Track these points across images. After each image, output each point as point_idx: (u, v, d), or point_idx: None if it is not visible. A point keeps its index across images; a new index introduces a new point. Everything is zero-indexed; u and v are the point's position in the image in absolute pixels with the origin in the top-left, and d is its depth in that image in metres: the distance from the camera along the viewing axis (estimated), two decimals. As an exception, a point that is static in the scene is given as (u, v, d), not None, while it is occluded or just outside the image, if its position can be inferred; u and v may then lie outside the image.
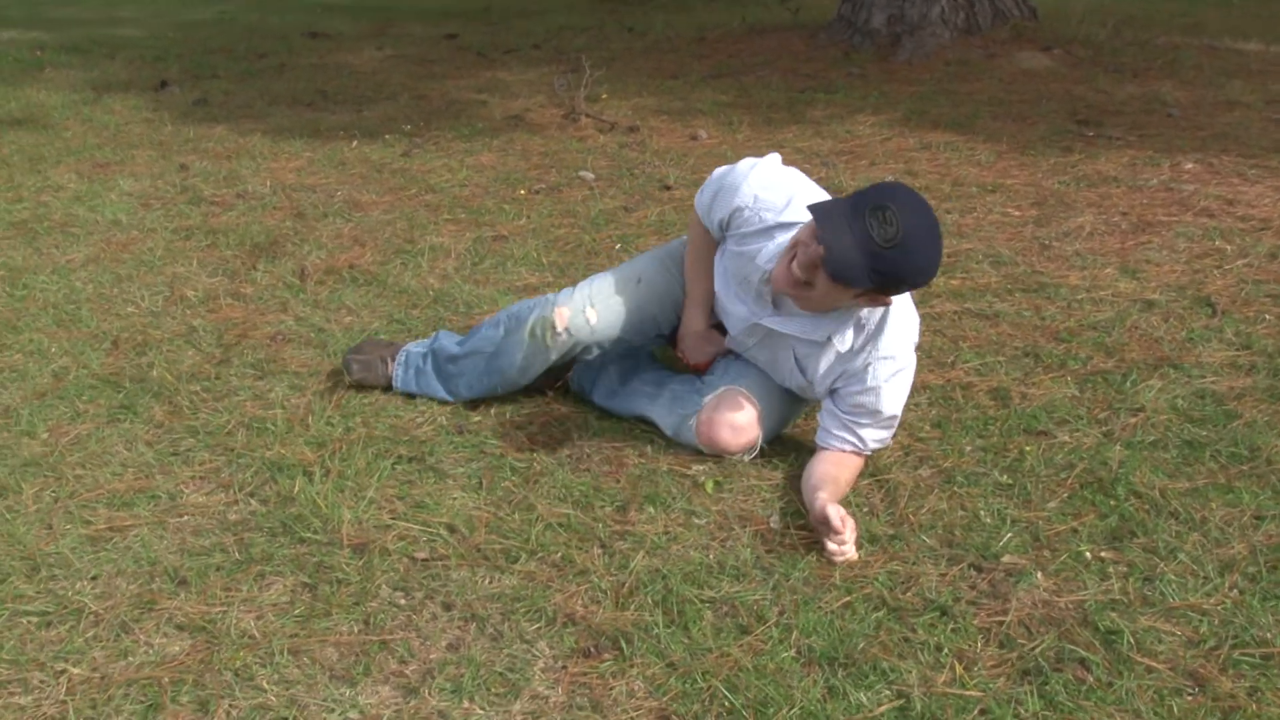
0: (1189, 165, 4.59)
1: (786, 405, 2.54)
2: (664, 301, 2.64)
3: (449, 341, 2.75)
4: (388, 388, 2.79)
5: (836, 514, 2.09)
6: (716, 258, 2.55)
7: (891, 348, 2.31)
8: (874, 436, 2.37)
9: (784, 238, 2.31)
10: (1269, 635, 1.88)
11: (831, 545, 2.12)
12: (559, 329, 2.55)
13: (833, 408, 2.38)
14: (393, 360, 2.79)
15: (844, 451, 2.37)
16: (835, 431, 2.37)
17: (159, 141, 5.41)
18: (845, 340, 2.30)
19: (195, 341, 3.10)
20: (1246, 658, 1.83)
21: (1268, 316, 3.10)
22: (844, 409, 2.36)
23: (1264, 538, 2.14)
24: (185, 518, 2.28)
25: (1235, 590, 1.99)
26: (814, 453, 2.41)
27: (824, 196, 2.37)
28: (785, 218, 2.34)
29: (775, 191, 2.38)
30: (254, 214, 4.22)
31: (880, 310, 2.29)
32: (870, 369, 2.31)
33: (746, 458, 2.47)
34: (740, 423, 2.43)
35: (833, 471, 2.33)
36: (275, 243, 3.89)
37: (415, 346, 2.80)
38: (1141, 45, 7.13)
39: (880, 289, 2.15)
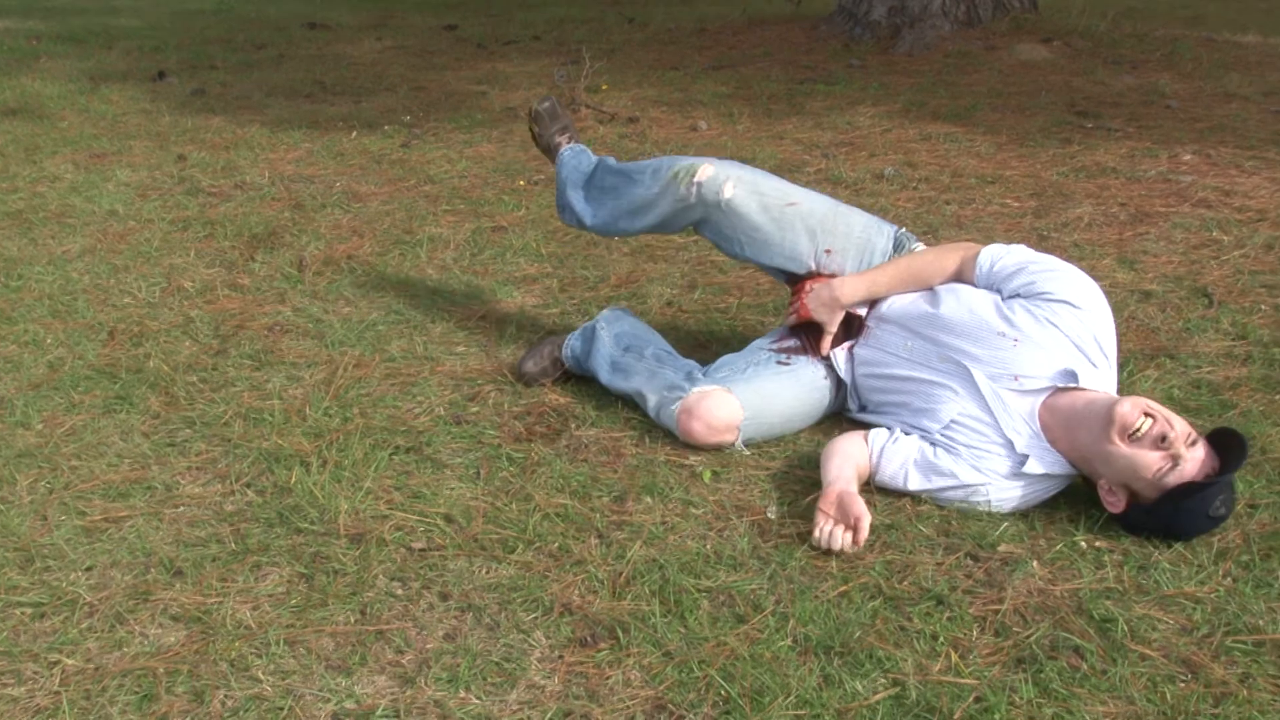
0: (1187, 157, 4.59)
1: (781, 423, 2.51)
2: (795, 242, 2.59)
3: (613, 161, 2.94)
4: (549, 153, 3.12)
5: (867, 519, 2.09)
6: (982, 296, 2.41)
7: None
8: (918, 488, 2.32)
9: (1088, 363, 2.28)
10: (1261, 622, 1.88)
11: (834, 540, 2.10)
12: (696, 179, 2.61)
13: (918, 462, 2.29)
14: (567, 142, 3.07)
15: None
16: (896, 461, 2.31)
17: (156, 132, 5.41)
18: (1036, 468, 2.22)
19: (192, 332, 3.10)
20: (1239, 644, 1.83)
21: (1263, 307, 3.10)
22: (927, 463, 2.28)
23: (1258, 525, 2.14)
24: (181, 508, 2.28)
25: (1229, 578, 2.00)
26: (841, 431, 2.44)
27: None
28: (1098, 361, 2.30)
29: (1107, 330, 2.33)
30: (252, 205, 4.22)
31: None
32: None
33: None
34: (717, 424, 2.42)
35: (858, 457, 2.32)
36: (273, 233, 3.89)
37: (590, 154, 3.04)
38: (1140, 37, 7.11)
39: (1155, 519, 2.10)
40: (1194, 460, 2.06)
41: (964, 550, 2.11)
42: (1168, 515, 2.07)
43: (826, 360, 2.56)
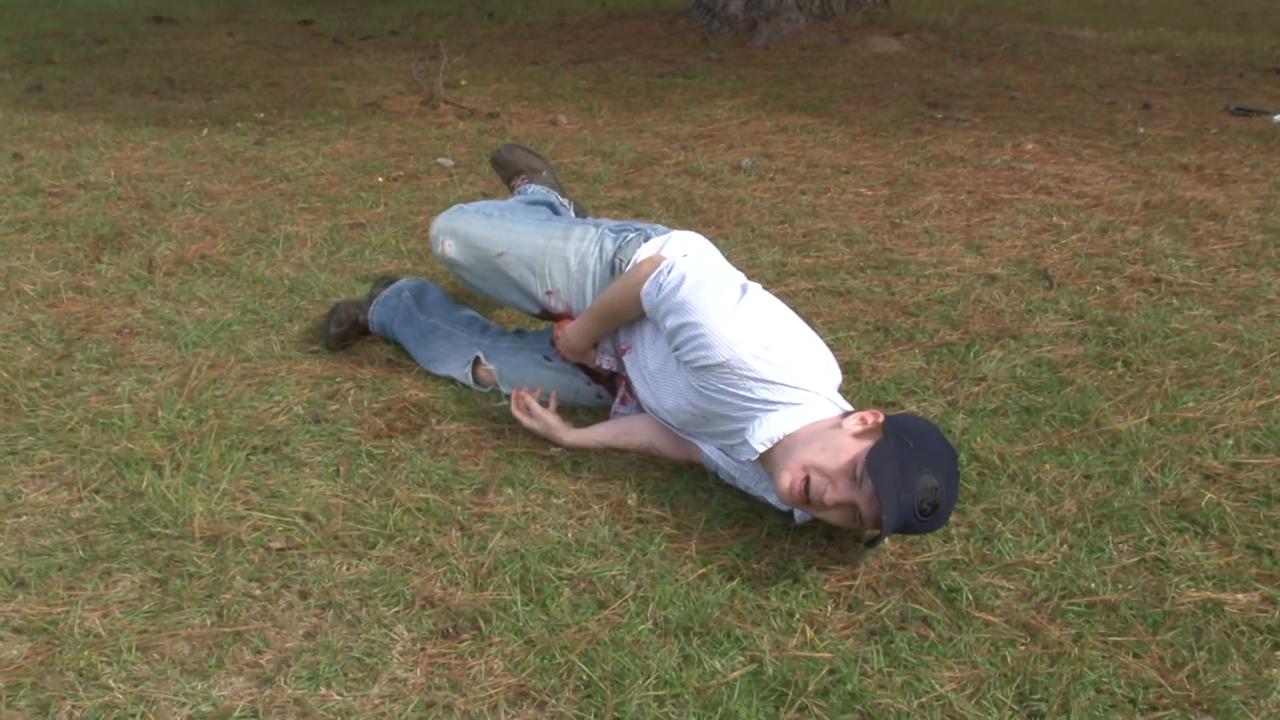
0: (1029, 146, 4.79)
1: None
2: (517, 287, 2.65)
3: None
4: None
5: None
6: (663, 359, 2.34)
7: None
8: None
9: (762, 411, 2.11)
10: (1093, 585, 1.98)
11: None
12: (432, 237, 2.74)
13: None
14: (520, 184, 3.26)
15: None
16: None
17: (-10, 131, 5.17)
18: (805, 517, 2.17)
19: (34, 337, 2.98)
20: (1073, 607, 1.93)
21: (1098, 288, 3.26)
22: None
23: (1091, 495, 2.25)
24: (24, 518, 2.20)
25: (1065, 545, 2.10)
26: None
27: (798, 336, 2.19)
28: (773, 395, 2.10)
29: (763, 359, 2.08)
30: (97, 205, 4.07)
31: None
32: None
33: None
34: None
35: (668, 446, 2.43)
36: (121, 234, 3.76)
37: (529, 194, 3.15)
38: (986, 31, 7.38)
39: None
40: (867, 498, 1.94)
41: (819, 529, 2.17)
42: (895, 531, 1.93)
43: (601, 381, 2.67)
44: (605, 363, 2.53)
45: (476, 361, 2.72)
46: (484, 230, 2.67)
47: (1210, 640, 1.85)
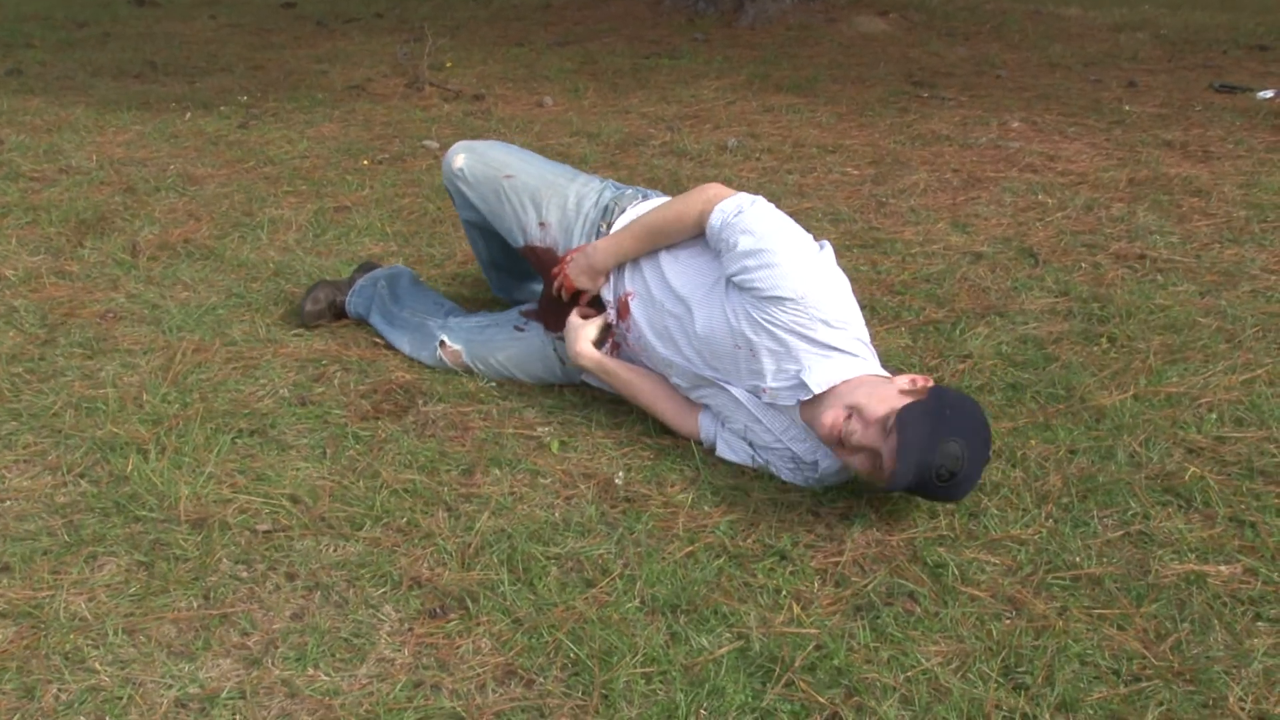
0: (1015, 124, 4.79)
1: (505, 373, 2.69)
2: (515, 214, 2.65)
3: None
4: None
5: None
6: (694, 287, 2.35)
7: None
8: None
9: (821, 356, 2.16)
10: (1078, 559, 2.00)
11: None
12: (447, 153, 2.78)
13: (746, 452, 2.34)
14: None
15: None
16: (728, 448, 2.36)
17: (-31, 115, 5.13)
18: (831, 468, 2.22)
19: (16, 322, 2.96)
20: (1058, 581, 1.94)
21: (1083, 265, 3.27)
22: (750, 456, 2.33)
23: (1076, 470, 2.26)
24: (7, 502, 2.19)
25: (1050, 520, 2.11)
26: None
27: (856, 309, 2.25)
28: (835, 341, 2.16)
29: (833, 304, 2.17)
30: (79, 189, 4.04)
31: None
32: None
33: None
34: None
35: (676, 410, 2.43)
36: (103, 218, 3.74)
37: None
38: (972, 10, 7.38)
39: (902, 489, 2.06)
40: (891, 449, 1.99)
41: (805, 506, 2.18)
42: (911, 492, 2.05)
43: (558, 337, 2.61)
44: (608, 318, 2.52)
45: (441, 344, 2.71)
46: (500, 154, 2.73)
47: (1193, 612, 1.87)
